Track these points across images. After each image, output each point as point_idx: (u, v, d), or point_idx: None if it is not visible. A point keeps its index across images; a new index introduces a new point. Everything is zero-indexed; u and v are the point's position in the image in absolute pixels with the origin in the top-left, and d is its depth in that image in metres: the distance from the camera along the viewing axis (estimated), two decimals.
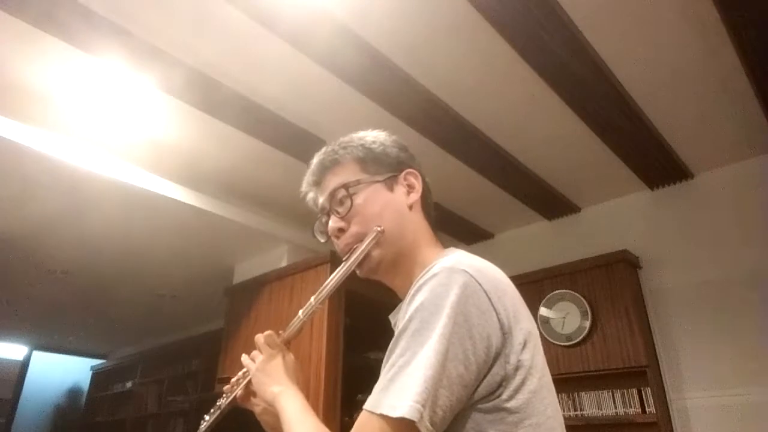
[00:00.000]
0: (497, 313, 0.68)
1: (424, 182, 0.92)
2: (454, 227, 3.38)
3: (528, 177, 2.78)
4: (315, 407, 0.68)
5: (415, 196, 0.89)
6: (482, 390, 0.66)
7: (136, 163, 2.61)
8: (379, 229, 0.82)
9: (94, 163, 2.46)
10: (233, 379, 0.93)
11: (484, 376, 0.66)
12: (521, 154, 2.64)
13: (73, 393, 6.83)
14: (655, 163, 2.67)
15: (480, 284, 0.69)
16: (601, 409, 2.56)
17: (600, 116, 2.29)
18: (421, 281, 0.71)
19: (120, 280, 4.03)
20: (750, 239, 2.52)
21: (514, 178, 2.80)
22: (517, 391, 0.67)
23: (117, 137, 2.46)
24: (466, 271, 0.69)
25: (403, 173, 0.90)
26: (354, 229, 0.85)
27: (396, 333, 0.69)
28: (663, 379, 2.54)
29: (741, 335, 2.42)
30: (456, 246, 0.88)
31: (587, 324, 2.64)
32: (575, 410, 2.65)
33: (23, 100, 2.19)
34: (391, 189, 0.88)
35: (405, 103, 2.20)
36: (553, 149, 2.61)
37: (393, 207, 0.86)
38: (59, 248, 3.37)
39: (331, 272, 0.87)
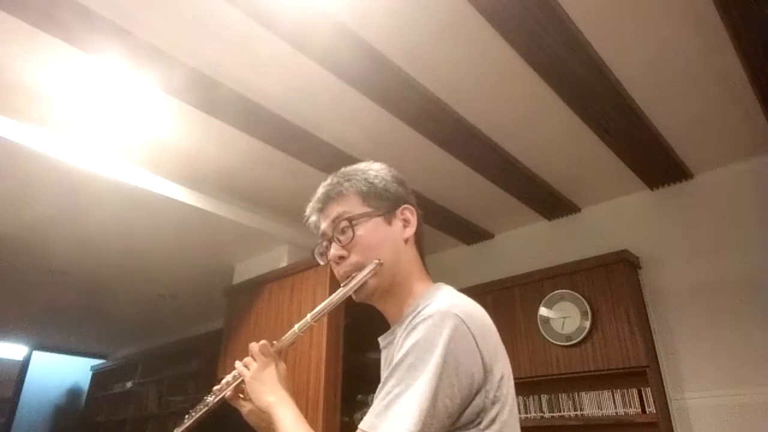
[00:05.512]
0: (482, 355, 0.78)
1: (419, 217, 0.98)
2: (454, 227, 3.38)
3: (528, 177, 2.78)
4: (315, 407, 0.72)
5: (411, 230, 0.96)
6: (463, 419, 0.76)
7: (136, 163, 2.61)
8: (378, 262, 0.90)
9: (94, 163, 2.46)
10: (224, 380, 0.99)
11: (466, 407, 0.76)
12: (521, 154, 2.64)
13: (73, 393, 6.82)
14: (655, 163, 2.67)
15: (469, 328, 0.78)
16: (601, 409, 2.56)
17: (600, 116, 2.29)
18: (417, 320, 0.79)
19: (120, 280, 4.03)
20: (750, 239, 2.52)
21: (514, 178, 2.80)
22: (492, 421, 0.77)
23: (117, 137, 2.46)
24: (458, 315, 0.78)
25: (401, 208, 0.96)
26: (354, 258, 0.92)
27: (392, 364, 0.78)
28: (663, 379, 2.54)
29: (741, 335, 2.42)
30: (456, 246, 0.91)
31: (587, 324, 2.64)
32: (575, 410, 2.65)
33: (23, 100, 2.19)
34: (389, 223, 0.94)
35: (405, 103, 2.20)
36: (553, 149, 2.61)
37: (391, 240, 0.93)
38: (59, 248, 3.37)
39: (332, 274, 0.91)
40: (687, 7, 1.78)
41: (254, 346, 0.96)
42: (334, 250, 0.93)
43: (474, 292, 3.14)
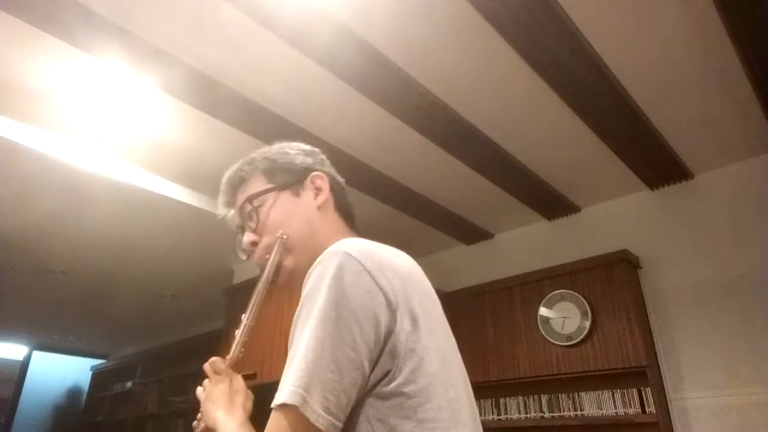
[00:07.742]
0: (383, 292, 0.67)
1: (334, 181, 0.93)
2: (454, 227, 3.38)
3: (528, 177, 2.78)
4: None
5: (323, 197, 0.89)
6: (378, 371, 0.65)
7: (135, 163, 2.61)
8: (283, 236, 0.83)
9: (94, 163, 2.46)
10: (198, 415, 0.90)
11: (378, 357, 0.65)
12: (521, 154, 2.64)
13: (73, 393, 6.82)
14: (655, 163, 2.67)
15: (362, 264, 0.67)
16: (601, 409, 2.56)
17: (600, 116, 2.29)
18: (310, 270, 0.70)
19: (120, 280, 4.03)
20: (750, 239, 2.52)
21: (514, 178, 2.80)
22: (414, 373, 0.65)
23: (117, 137, 2.46)
24: (348, 253, 0.68)
25: (310, 177, 0.90)
26: (265, 240, 0.86)
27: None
28: (663, 379, 2.54)
29: (741, 335, 2.42)
30: (456, 246, 0.89)
31: (587, 324, 2.64)
32: (575, 410, 2.65)
33: (23, 100, 2.19)
34: (297, 195, 0.88)
35: (405, 103, 2.20)
36: (553, 149, 2.61)
37: (299, 212, 0.87)
38: (59, 248, 3.37)
39: None
40: (687, 7, 1.78)
41: (206, 367, 0.89)
42: (246, 237, 0.88)
43: (474, 292, 3.16)
